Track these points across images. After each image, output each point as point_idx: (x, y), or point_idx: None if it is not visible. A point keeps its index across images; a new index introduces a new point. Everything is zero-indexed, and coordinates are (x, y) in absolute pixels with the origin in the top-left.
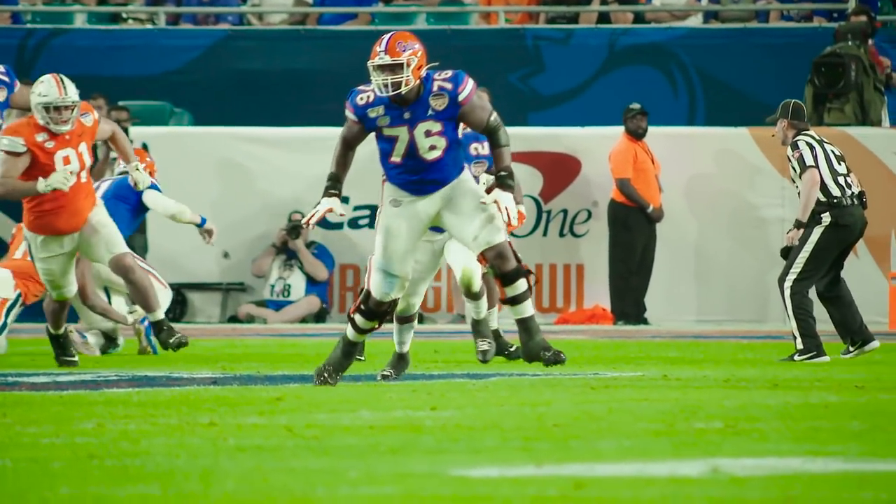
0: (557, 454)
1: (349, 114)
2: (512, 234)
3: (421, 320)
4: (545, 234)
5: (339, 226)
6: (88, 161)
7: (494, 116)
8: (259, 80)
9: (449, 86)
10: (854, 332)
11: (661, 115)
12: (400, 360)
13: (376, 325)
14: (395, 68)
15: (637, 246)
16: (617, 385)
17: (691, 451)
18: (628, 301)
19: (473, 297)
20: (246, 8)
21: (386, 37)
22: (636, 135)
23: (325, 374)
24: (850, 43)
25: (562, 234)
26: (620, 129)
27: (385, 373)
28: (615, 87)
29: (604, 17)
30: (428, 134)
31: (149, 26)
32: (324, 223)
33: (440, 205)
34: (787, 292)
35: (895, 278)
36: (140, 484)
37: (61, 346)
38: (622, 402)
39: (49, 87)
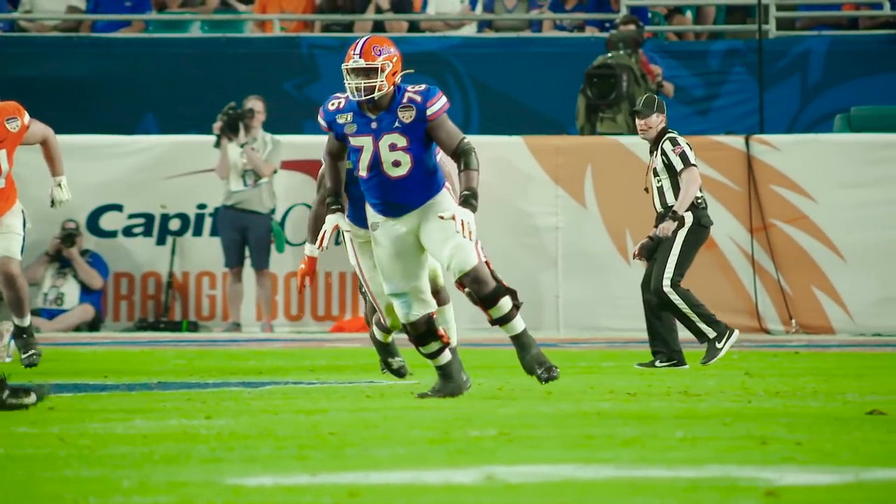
0: (332, 462)
1: (321, 120)
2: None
3: (196, 328)
4: None
5: (113, 234)
6: (6, 166)
7: (466, 140)
8: (31, 87)
9: (419, 98)
10: (673, 350)
11: None
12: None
13: (436, 342)
14: (368, 72)
15: None
16: (392, 393)
17: (466, 459)
18: None
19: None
20: (17, 14)
21: (362, 39)
22: None
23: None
24: (621, 52)
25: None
26: None
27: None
28: None
29: (379, 26)
30: (392, 148)
31: None
32: (97, 231)
33: (417, 222)
34: (672, 295)
35: None
36: None
37: None
38: (397, 411)
39: None
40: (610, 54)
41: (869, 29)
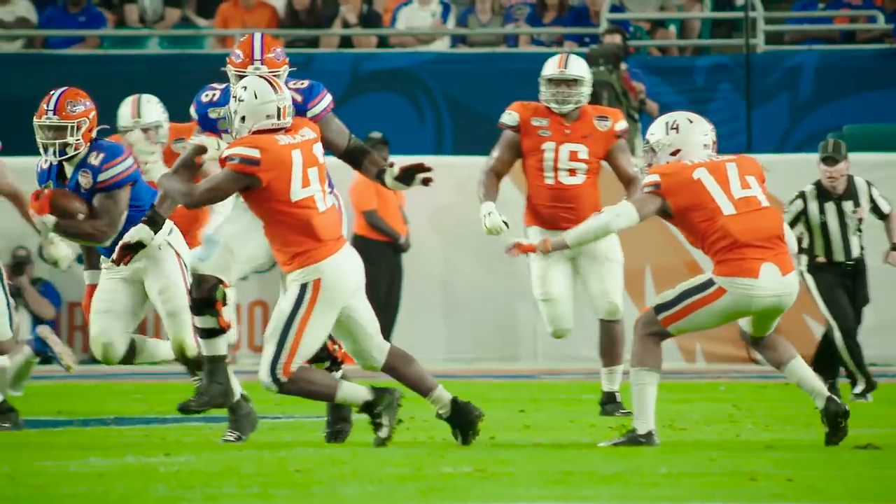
0: (299, 501)
1: (192, 112)
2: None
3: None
4: None
5: None
6: None
7: (354, 139)
8: None
9: (299, 98)
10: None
11: (407, 142)
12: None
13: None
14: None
15: (382, 281)
16: (361, 427)
17: (439, 497)
18: None
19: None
20: None
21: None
22: None
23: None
24: (601, 68)
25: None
26: None
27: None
28: (359, 115)
29: (346, 41)
30: None
31: None
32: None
33: None
34: None
35: None
36: None
37: None
38: (367, 446)
39: (123, 110)
40: (590, 70)
41: (862, 43)
